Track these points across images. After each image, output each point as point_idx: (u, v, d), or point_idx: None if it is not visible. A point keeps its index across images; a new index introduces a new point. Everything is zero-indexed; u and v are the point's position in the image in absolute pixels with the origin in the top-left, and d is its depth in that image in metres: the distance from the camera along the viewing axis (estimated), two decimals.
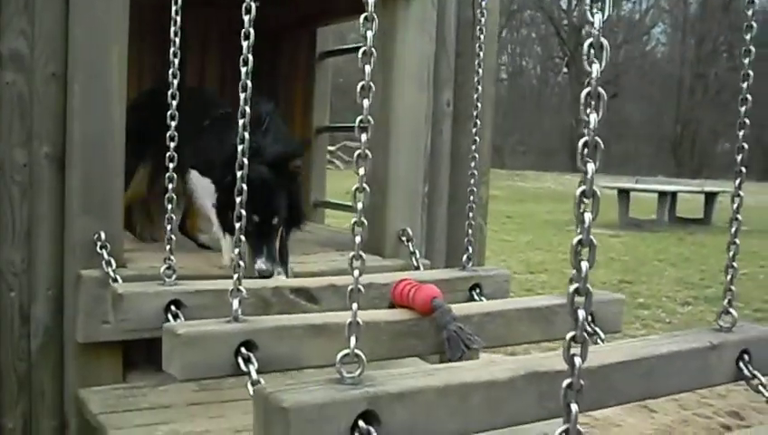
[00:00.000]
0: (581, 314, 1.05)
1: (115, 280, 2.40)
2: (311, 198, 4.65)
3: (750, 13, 1.94)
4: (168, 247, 2.29)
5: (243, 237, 1.98)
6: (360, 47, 1.60)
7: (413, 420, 1.38)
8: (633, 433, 2.38)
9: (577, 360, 1.06)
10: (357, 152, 1.51)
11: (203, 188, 2.85)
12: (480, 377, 1.51)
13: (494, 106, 3.80)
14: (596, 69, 1.05)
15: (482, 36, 2.76)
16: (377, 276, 2.48)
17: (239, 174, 1.96)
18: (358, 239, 1.51)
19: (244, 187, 1.96)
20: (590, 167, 1.05)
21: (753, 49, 1.97)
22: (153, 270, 2.50)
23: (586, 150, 1.05)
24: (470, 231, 2.74)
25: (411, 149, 3.26)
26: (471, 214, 2.74)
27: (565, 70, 34.65)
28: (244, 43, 1.90)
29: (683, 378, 1.89)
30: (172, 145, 2.29)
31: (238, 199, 1.96)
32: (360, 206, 1.50)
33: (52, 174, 2.57)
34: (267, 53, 4.64)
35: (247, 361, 1.81)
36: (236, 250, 1.96)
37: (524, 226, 12.23)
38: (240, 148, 1.97)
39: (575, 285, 1.05)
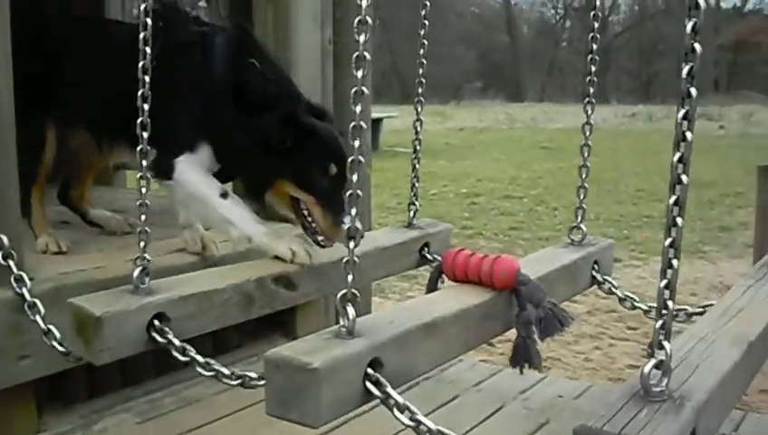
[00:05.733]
0: None
1: (32, 303, 1.87)
2: None
3: None
4: (141, 242, 1.77)
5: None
6: None
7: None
8: None
9: None
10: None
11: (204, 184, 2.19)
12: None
13: None
14: None
15: None
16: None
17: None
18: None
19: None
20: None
21: None
22: (68, 278, 1.89)
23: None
24: (416, 184, 2.48)
25: (312, 96, 2.85)
26: (417, 166, 2.48)
27: None
28: None
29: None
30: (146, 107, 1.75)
31: None
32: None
33: None
34: None
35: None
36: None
37: None
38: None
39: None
